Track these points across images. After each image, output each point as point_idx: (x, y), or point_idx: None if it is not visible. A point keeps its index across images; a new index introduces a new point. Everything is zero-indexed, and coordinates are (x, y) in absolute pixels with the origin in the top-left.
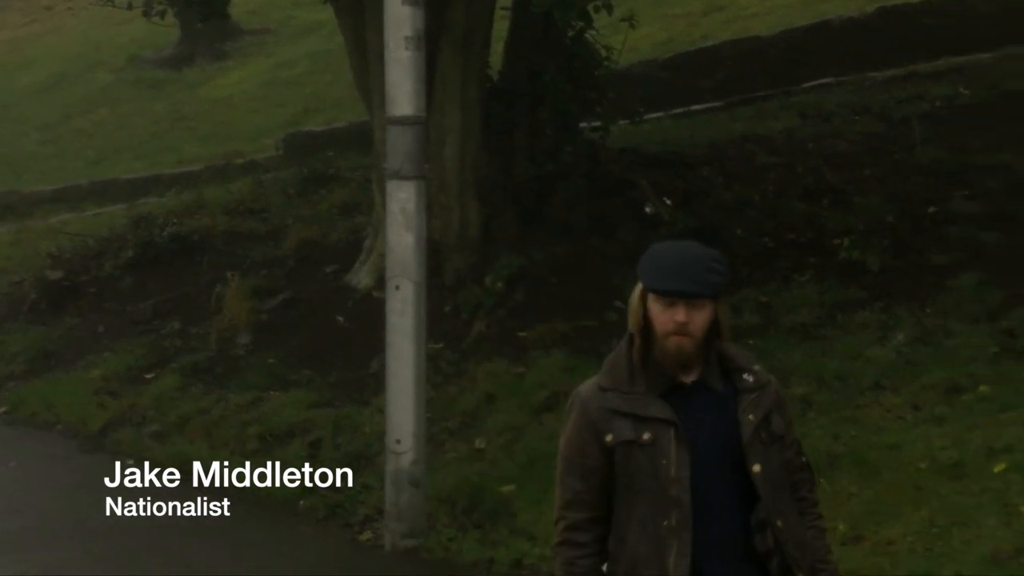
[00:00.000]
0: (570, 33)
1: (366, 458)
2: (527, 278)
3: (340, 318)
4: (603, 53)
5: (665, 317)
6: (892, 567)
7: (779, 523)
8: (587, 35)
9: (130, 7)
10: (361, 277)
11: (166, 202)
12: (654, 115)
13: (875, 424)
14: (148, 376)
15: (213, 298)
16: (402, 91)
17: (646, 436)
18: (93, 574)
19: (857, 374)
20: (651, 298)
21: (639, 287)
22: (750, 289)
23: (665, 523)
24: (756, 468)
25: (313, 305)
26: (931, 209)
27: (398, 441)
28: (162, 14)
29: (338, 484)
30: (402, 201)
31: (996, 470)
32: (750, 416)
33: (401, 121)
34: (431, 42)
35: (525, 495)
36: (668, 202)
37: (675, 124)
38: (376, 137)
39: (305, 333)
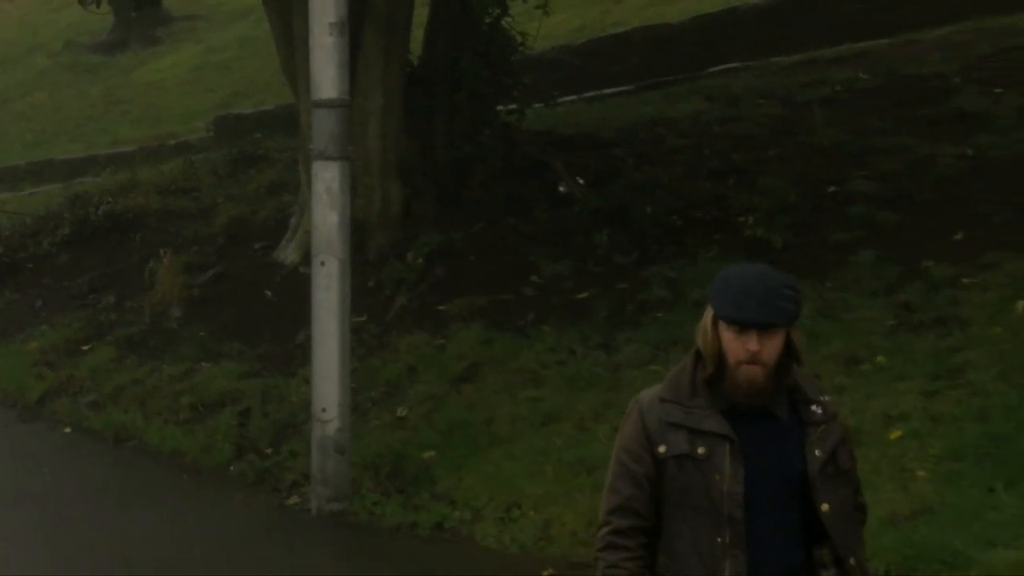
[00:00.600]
0: (487, 19)
1: (293, 426)
2: (446, 255)
3: (268, 293)
4: (519, 39)
5: (737, 345)
6: None
7: (852, 561)
8: (503, 22)
9: None
10: (288, 254)
11: (101, 182)
12: (568, 99)
13: None
14: (84, 348)
15: (147, 273)
16: (326, 75)
17: (701, 450)
18: (32, 540)
19: None
20: (723, 325)
21: (711, 312)
22: (659, 265)
23: (719, 540)
24: (825, 507)
25: (242, 280)
26: (832, 189)
27: (324, 410)
28: (98, 3)
29: (267, 451)
30: (327, 181)
31: (893, 437)
32: (816, 451)
33: (325, 104)
34: (354, 28)
35: (445, 461)
36: (581, 182)
37: (588, 107)
38: (302, 120)
39: (235, 307)
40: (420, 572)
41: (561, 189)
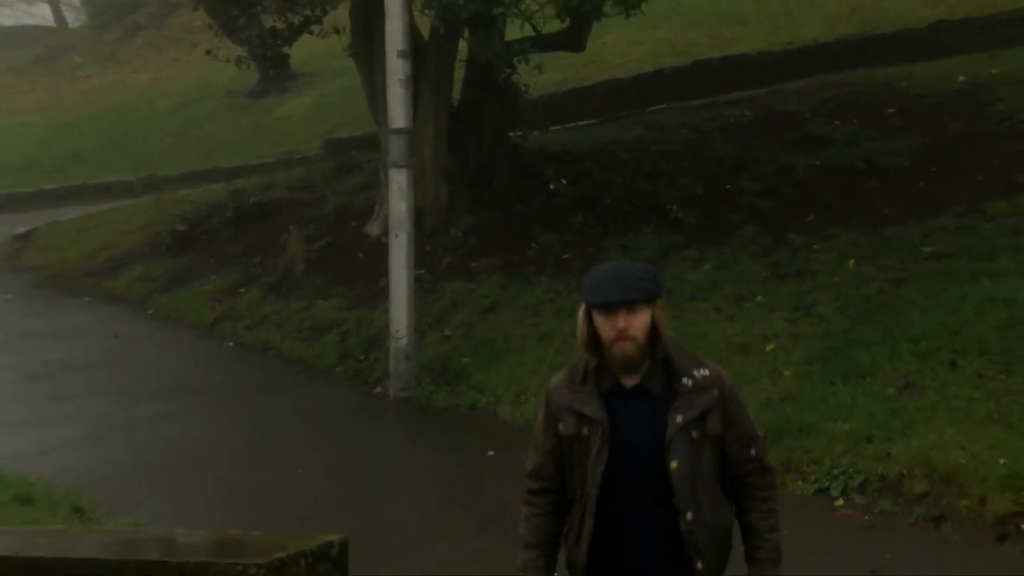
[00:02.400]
0: (502, 76)
1: (377, 341)
2: (476, 230)
3: (360, 254)
4: (523, 88)
5: (608, 326)
6: None
7: (688, 515)
8: (513, 77)
9: (227, 60)
10: (374, 229)
11: (251, 182)
12: (555, 128)
13: (691, 320)
14: (241, 291)
15: (281, 242)
16: (397, 113)
17: (584, 432)
18: (207, 417)
19: (681, 289)
20: (595, 313)
21: (583, 307)
22: (615, 236)
23: (587, 508)
24: (673, 465)
25: (343, 246)
26: (727, 186)
27: (397, 331)
28: (248, 65)
29: (360, 358)
30: (398, 182)
31: (768, 349)
32: (678, 417)
33: (397, 132)
34: (415, 83)
35: (476, 365)
36: (564, 182)
37: (567, 134)
38: (382, 142)
39: (338, 264)
40: (460, 437)
41: (551, 187)
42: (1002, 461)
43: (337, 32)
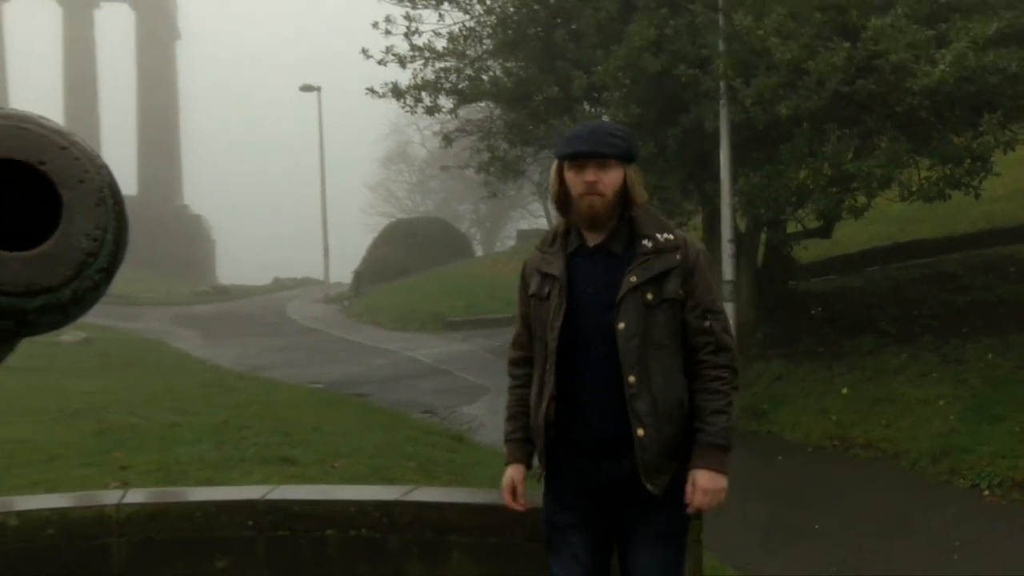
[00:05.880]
0: (785, 251)
1: None
2: (771, 336)
3: None
4: (796, 259)
5: (577, 179)
6: (896, 435)
7: (630, 379)
8: (791, 252)
9: None
10: None
11: None
12: (814, 279)
13: (895, 387)
14: None
15: None
16: (727, 271)
17: (546, 290)
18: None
19: (887, 368)
20: (566, 167)
21: (555, 163)
22: (847, 340)
23: (548, 366)
24: (620, 326)
25: None
26: (914, 312)
27: None
28: None
29: None
30: (727, 310)
31: (940, 404)
32: (632, 278)
33: (727, 282)
34: (737, 255)
35: (771, 409)
36: (819, 309)
37: (821, 283)
38: (715, 287)
39: None
40: (759, 449)
41: (812, 312)
42: None
43: (695, 229)
